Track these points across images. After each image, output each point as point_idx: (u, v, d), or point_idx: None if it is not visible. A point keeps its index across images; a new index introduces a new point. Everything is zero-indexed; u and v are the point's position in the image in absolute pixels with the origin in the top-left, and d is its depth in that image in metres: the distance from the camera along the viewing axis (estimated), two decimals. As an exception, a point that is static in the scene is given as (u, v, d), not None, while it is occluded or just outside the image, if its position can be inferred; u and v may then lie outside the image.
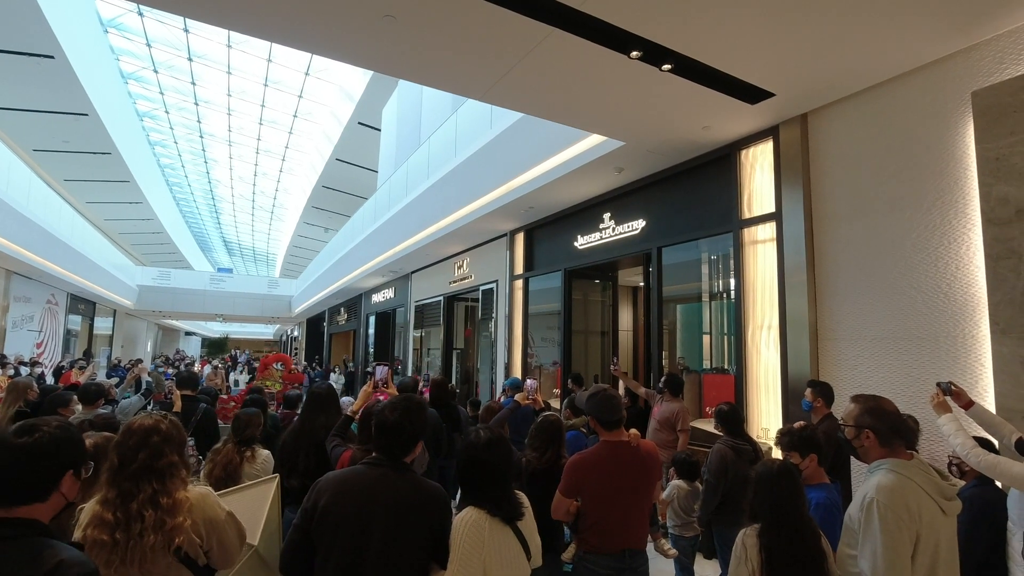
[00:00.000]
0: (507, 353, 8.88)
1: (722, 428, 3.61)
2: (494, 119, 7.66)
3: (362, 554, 1.75)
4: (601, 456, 2.55)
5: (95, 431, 2.91)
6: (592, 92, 4.17)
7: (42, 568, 1.21)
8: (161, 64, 16.11)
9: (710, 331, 6.73)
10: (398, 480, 1.85)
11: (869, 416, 1.97)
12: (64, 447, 1.38)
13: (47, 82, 12.15)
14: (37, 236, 13.05)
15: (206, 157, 23.96)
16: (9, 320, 14.06)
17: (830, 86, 4.06)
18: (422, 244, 10.39)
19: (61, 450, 1.36)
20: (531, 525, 2.00)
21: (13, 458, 1.29)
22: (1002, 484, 2.71)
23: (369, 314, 17.32)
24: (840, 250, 4.24)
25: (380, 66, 4.09)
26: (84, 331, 20.91)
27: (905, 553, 1.76)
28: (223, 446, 3.43)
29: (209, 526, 1.82)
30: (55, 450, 1.35)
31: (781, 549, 2.02)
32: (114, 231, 25.19)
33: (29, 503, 1.30)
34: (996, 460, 2.42)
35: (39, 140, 15.57)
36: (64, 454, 1.37)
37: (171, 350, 34.37)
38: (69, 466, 1.38)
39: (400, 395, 2.06)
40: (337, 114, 16.80)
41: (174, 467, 1.79)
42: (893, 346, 3.85)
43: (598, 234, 7.08)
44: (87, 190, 19.83)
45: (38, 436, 1.33)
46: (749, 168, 5.10)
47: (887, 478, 1.86)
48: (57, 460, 1.35)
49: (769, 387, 4.76)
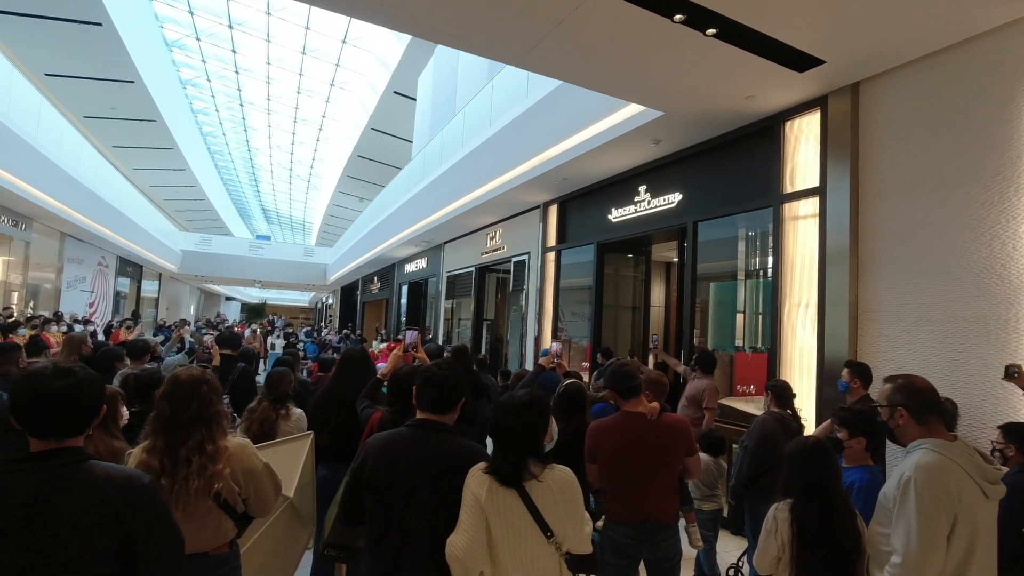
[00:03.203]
0: (537, 325, 8.90)
1: (773, 400, 3.55)
2: (530, 88, 7.53)
3: (409, 512, 1.80)
4: (618, 424, 2.56)
5: (139, 383, 3.07)
6: (632, 59, 4.04)
7: (113, 474, 1.43)
8: (203, 31, 16.34)
9: (744, 310, 6.59)
10: (441, 441, 1.90)
11: (900, 393, 1.91)
12: (98, 388, 1.50)
13: (95, 49, 12.49)
14: (88, 200, 13.61)
15: (246, 125, 24.38)
16: (64, 280, 14.79)
17: (884, 53, 3.84)
18: (455, 214, 10.41)
19: (97, 390, 1.49)
20: (555, 505, 1.80)
21: (60, 397, 1.39)
22: None
23: (402, 283, 17.55)
24: (886, 227, 4.06)
25: (416, 29, 4.05)
26: (132, 293, 21.88)
27: (941, 534, 1.72)
28: (258, 404, 3.57)
29: (247, 475, 1.91)
30: (92, 390, 1.47)
31: (813, 524, 2.00)
32: (159, 197, 26.06)
33: (74, 436, 1.43)
34: None
35: (89, 107, 16.10)
36: (99, 394, 1.50)
37: (212, 314, 35.68)
38: (101, 405, 1.51)
39: (444, 359, 2.09)
40: (373, 83, 16.80)
41: (220, 415, 1.89)
42: (938, 328, 3.70)
43: (633, 207, 6.96)
44: (134, 156, 20.51)
45: (76, 379, 1.44)
46: (793, 140, 4.90)
47: (928, 457, 1.79)
48: (94, 399, 1.47)
49: (804, 367, 4.66)
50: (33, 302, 13.40)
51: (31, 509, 1.32)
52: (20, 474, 1.35)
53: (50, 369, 1.44)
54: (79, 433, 1.44)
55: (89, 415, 1.46)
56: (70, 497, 1.36)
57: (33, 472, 1.35)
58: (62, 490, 1.35)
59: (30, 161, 10.32)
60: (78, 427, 1.43)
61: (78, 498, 1.36)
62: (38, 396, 1.37)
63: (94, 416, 1.47)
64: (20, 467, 1.36)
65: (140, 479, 1.48)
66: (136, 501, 1.43)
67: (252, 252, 27.18)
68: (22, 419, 1.39)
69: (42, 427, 1.38)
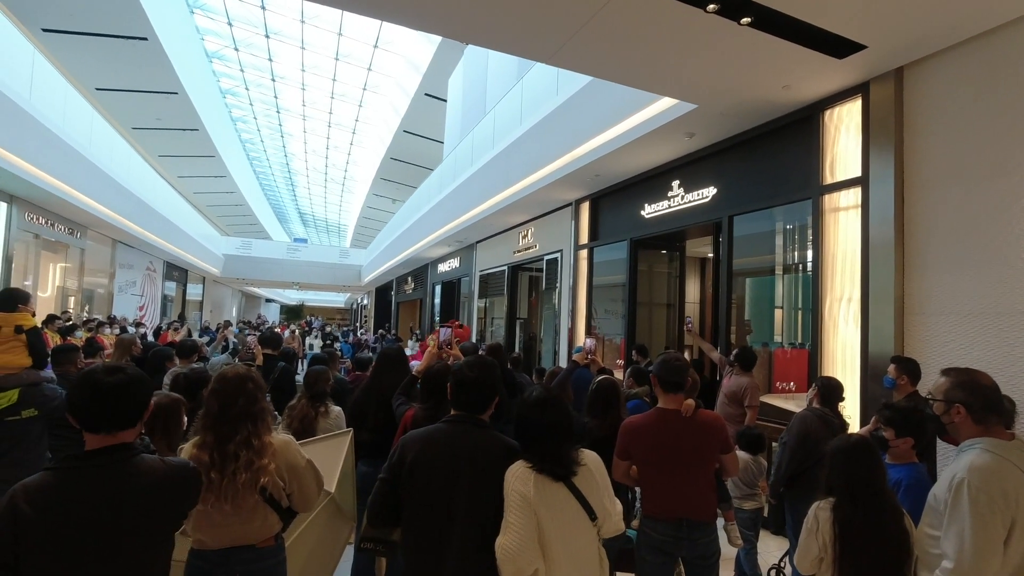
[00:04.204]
0: (570, 323, 8.88)
1: (818, 397, 3.45)
2: (560, 86, 7.50)
3: (451, 505, 1.83)
4: (653, 421, 2.54)
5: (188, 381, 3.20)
6: (665, 52, 3.99)
7: (166, 466, 1.55)
8: (241, 42, 16.86)
9: (783, 305, 6.43)
10: (479, 435, 1.93)
11: (961, 390, 1.83)
12: (146, 384, 1.59)
13: (141, 62, 13.03)
14: (138, 208, 14.23)
15: (282, 131, 25.05)
16: (116, 285, 15.49)
17: (930, 36, 3.68)
18: (487, 214, 10.46)
19: (145, 386, 1.58)
20: (597, 486, 1.91)
21: (111, 393, 1.48)
22: None
23: (435, 283, 17.74)
24: (934, 217, 3.90)
25: (445, 29, 4.09)
26: (178, 296, 22.76)
27: (997, 539, 1.64)
28: (297, 402, 3.67)
29: (291, 471, 1.97)
30: (140, 386, 1.55)
31: (857, 524, 1.94)
32: (202, 203, 27.00)
33: (125, 429, 1.51)
34: None
35: (136, 118, 16.81)
36: (147, 391, 1.58)
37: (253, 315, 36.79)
38: (149, 401, 1.60)
39: (475, 355, 2.11)
40: (404, 86, 17.02)
41: (265, 412, 1.96)
42: (992, 322, 3.54)
43: (666, 203, 6.86)
44: (178, 165, 21.32)
45: (125, 375, 1.53)
46: (833, 130, 4.75)
47: (982, 458, 1.72)
48: (142, 394, 1.56)
49: (846, 364, 4.51)
50: (88, 306, 14.09)
51: (92, 503, 1.40)
52: (79, 470, 1.44)
53: (101, 368, 1.53)
54: (131, 426, 1.52)
55: (138, 409, 1.54)
56: (128, 490, 1.45)
57: (91, 468, 1.44)
58: (120, 484, 1.44)
59: (85, 172, 10.86)
60: (129, 421, 1.51)
61: (136, 490, 1.45)
62: (91, 392, 1.46)
63: (143, 410, 1.56)
64: (78, 463, 1.45)
65: (188, 466, 1.63)
66: (187, 488, 1.58)
67: (290, 255, 27.91)
68: (77, 415, 1.48)
69: (96, 421, 1.47)
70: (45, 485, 1.40)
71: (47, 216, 11.15)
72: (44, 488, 1.39)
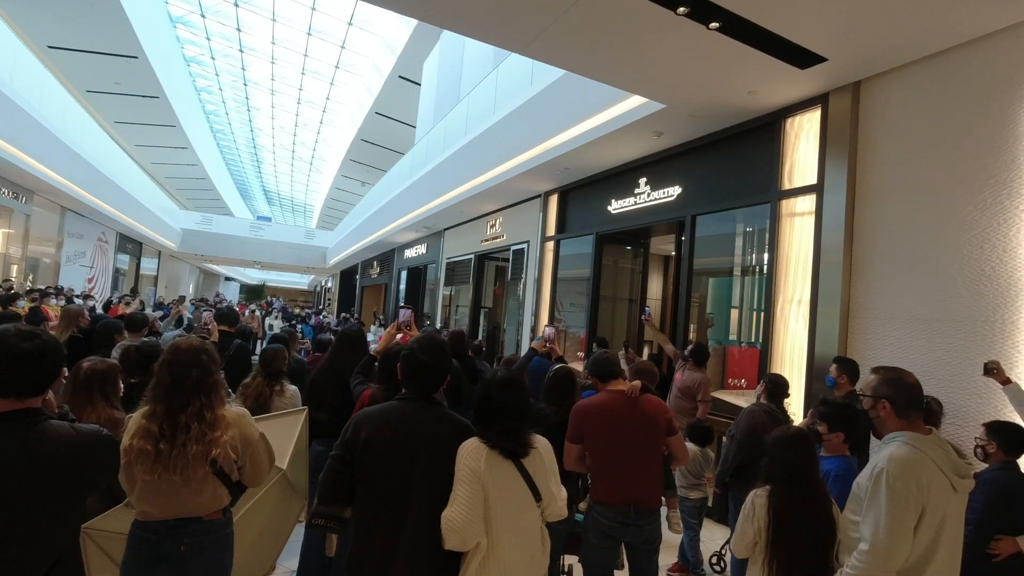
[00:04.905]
0: (534, 314, 8.96)
1: (765, 393, 3.59)
2: (534, 77, 7.52)
3: (409, 480, 1.83)
4: (602, 402, 2.65)
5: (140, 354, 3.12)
6: (635, 50, 4.06)
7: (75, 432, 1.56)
8: (208, 8, 16.20)
9: (739, 305, 6.64)
10: (431, 413, 1.95)
11: (887, 386, 1.95)
12: (59, 352, 1.57)
13: (99, 21, 12.40)
14: (90, 174, 13.58)
15: (249, 105, 24.24)
16: (64, 255, 14.80)
17: (887, 53, 3.86)
18: (456, 201, 10.43)
19: (58, 354, 1.56)
20: (545, 470, 1.95)
21: (23, 359, 1.46)
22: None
23: (401, 269, 17.59)
24: (881, 226, 4.10)
25: (423, 13, 4.05)
26: (131, 270, 21.89)
27: (908, 523, 1.77)
28: (252, 380, 3.62)
29: (244, 443, 1.96)
30: (54, 354, 1.54)
31: (790, 511, 2.06)
32: (160, 175, 25.98)
33: (34, 396, 1.51)
34: None
35: (92, 81, 16.01)
36: (59, 358, 1.57)
37: (211, 293, 35.71)
38: (60, 369, 1.59)
39: (424, 335, 2.11)
40: (378, 66, 16.71)
41: (219, 384, 1.94)
42: (927, 327, 3.76)
43: (633, 199, 6.99)
44: (136, 133, 20.42)
45: (40, 341, 1.51)
46: (793, 137, 4.92)
47: (901, 450, 1.85)
48: (54, 362, 1.54)
49: (794, 362, 4.72)
50: (32, 275, 13.43)
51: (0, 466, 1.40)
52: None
53: (13, 331, 1.50)
54: (39, 394, 1.52)
55: (49, 377, 1.53)
56: (30, 454, 1.44)
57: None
58: (21, 448, 1.44)
59: (33, 133, 10.30)
60: (38, 388, 1.51)
61: (38, 455, 1.45)
62: (3, 356, 1.44)
63: (53, 378, 1.55)
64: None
65: (99, 433, 1.64)
66: (96, 456, 1.60)
67: (253, 233, 27.18)
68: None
69: (5, 385, 1.46)
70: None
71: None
72: None
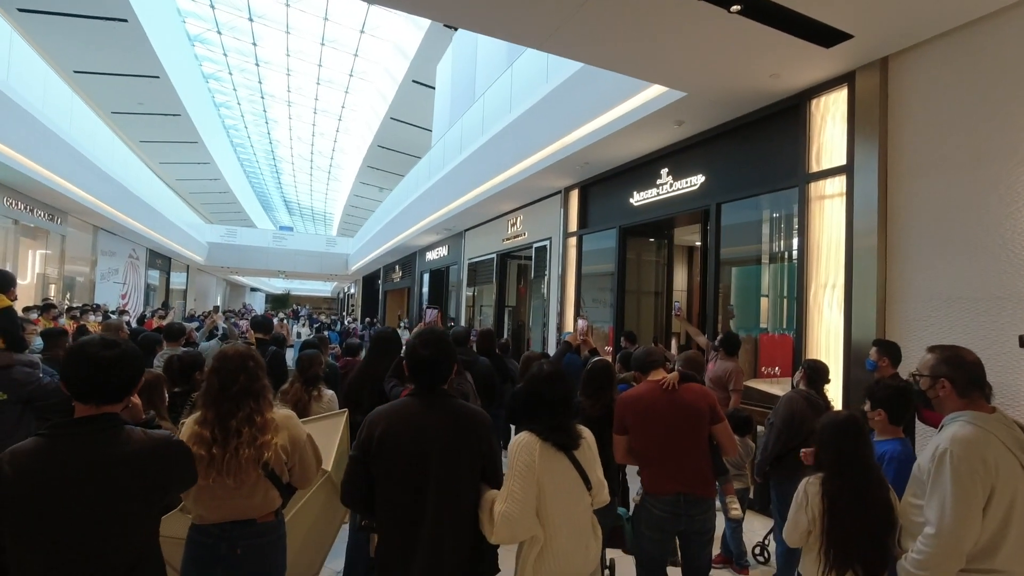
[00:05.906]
0: (559, 311, 8.94)
1: (805, 379, 3.53)
2: (550, 73, 7.50)
3: (425, 476, 1.83)
4: (640, 393, 2.66)
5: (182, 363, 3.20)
6: (654, 39, 4.02)
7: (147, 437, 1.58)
8: (224, 25, 16.53)
9: (768, 293, 6.54)
10: (443, 405, 1.93)
11: (946, 365, 1.88)
12: (139, 360, 1.62)
13: (121, 45, 12.75)
14: (119, 193, 13.97)
15: (267, 118, 24.68)
16: (98, 273, 15.24)
17: (915, 26, 3.75)
18: (476, 202, 10.45)
19: (138, 362, 1.61)
20: (593, 458, 2.01)
21: (104, 366, 1.51)
22: None
23: (423, 271, 17.70)
24: (916, 205, 3.99)
25: (437, 13, 4.07)
26: (161, 285, 22.44)
27: (976, 505, 1.71)
28: (290, 386, 3.69)
29: (293, 444, 2.00)
30: (134, 361, 1.59)
31: (845, 497, 2.01)
32: (185, 190, 26.58)
33: (113, 403, 1.55)
34: None
35: (116, 103, 16.46)
36: (140, 366, 1.62)
37: (237, 304, 36.44)
38: (141, 376, 1.64)
39: (427, 330, 2.06)
40: (392, 72, 16.85)
41: (266, 389, 1.98)
42: (970, 307, 3.65)
43: (655, 190, 6.92)
44: (160, 151, 20.93)
45: (120, 350, 1.56)
46: (820, 119, 4.82)
47: (964, 429, 1.78)
48: (135, 369, 1.59)
49: (830, 349, 4.62)
50: (69, 294, 13.85)
51: (73, 468, 1.44)
52: (64, 437, 1.47)
53: (97, 340, 1.56)
54: (119, 400, 1.57)
55: (129, 383, 1.58)
56: (110, 458, 1.49)
57: (76, 435, 1.48)
58: (102, 452, 1.49)
59: (66, 156, 10.64)
60: (119, 394, 1.56)
61: (117, 459, 1.49)
62: (87, 363, 1.50)
63: (133, 385, 1.60)
64: (64, 430, 1.48)
65: (171, 439, 1.65)
66: (172, 461, 1.62)
67: (275, 243, 27.64)
68: (70, 384, 1.51)
69: (88, 392, 1.50)
70: (31, 450, 1.44)
71: (26, 201, 10.92)
72: (30, 452, 1.43)
